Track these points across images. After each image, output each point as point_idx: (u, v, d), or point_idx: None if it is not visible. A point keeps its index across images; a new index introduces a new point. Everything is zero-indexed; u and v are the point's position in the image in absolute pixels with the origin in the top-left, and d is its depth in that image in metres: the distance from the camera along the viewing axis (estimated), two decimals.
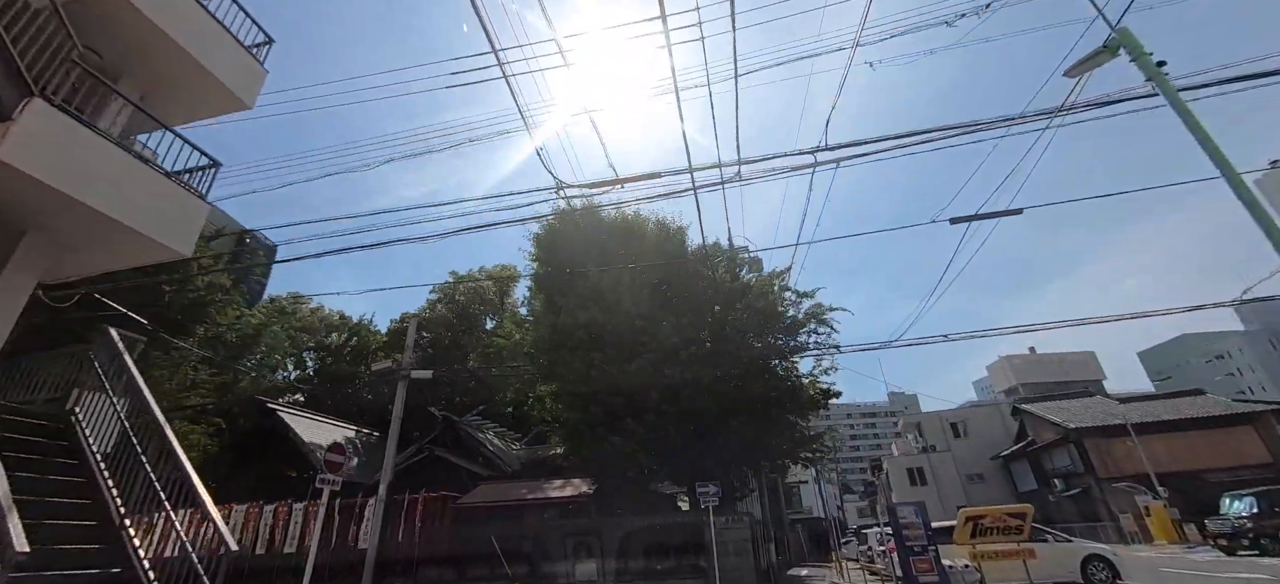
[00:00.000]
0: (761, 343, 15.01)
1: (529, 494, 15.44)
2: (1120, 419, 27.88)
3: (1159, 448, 27.12)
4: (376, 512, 14.43)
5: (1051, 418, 31.18)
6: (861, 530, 27.05)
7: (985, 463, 38.10)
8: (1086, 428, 29.06)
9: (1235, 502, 17.45)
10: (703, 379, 13.85)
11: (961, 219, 8.56)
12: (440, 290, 31.54)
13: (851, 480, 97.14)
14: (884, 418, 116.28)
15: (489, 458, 22.01)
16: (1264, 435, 27.22)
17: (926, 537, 12.65)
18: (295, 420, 23.89)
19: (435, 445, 22.19)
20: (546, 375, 16.08)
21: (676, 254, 16.73)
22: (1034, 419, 33.91)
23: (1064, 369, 71.17)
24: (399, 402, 15.86)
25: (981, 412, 42.99)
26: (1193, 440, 27.54)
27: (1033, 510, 12.95)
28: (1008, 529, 12.77)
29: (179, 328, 23.74)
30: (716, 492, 13.53)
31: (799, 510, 43.74)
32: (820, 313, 16.58)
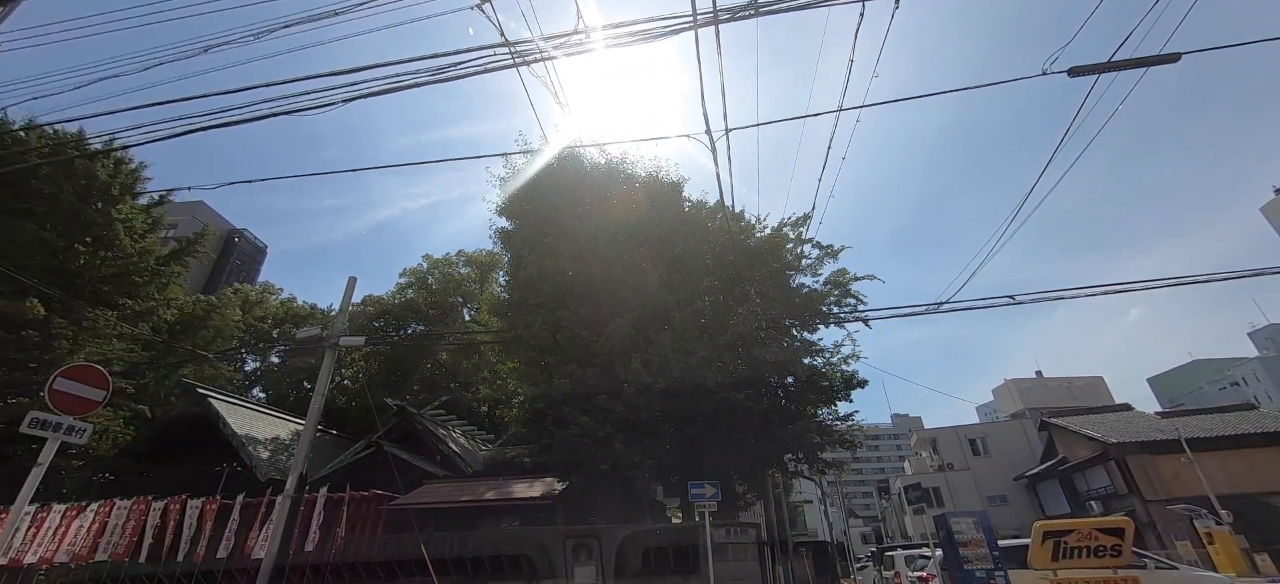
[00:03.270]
0: (774, 310, 12.03)
1: (482, 495, 12.33)
2: (1171, 434, 24.74)
3: (1213, 467, 23.95)
4: (281, 512, 11.28)
5: (1088, 432, 28.00)
6: (885, 552, 23.68)
7: (1009, 483, 34.76)
8: (1129, 443, 25.88)
9: None
10: (698, 350, 10.88)
11: (1084, 70, 5.71)
12: (411, 274, 28.57)
13: (855, 505, 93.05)
14: (888, 440, 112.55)
15: (449, 457, 18.85)
16: None
17: (993, 558, 9.55)
18: (230, 410, 20.66)
19: (387, 440, 19.06)
20: (508, 347, 13.09)
21: (671, 207, 13.87)
22: (1065, 434, 30.73)
23: (1072, 394, 68.02)
24: (324, 374, 12.79)
25: (1003, 427, 39.72)
26: (1253, 459, 24.41)
27: (1132, 525, 9.89)
28: (1099, 550, 9.69)
29: (99, 298, 20.78)
30: (714, 494, 10.48)
31: (803, 532, 40.20)
32: (845, 281, 13.65)
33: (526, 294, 12.03)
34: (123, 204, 21.93)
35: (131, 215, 21.98)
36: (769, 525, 17.43)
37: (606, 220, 12.80)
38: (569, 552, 11.15)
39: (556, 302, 11.29)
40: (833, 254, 13.40)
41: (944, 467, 36.60)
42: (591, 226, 12.70)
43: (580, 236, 12.57)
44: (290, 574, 11.40)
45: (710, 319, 11.71)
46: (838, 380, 14.44)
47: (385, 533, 12.74)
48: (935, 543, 11.67)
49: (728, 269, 12.83)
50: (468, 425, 21.63)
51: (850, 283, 13.95)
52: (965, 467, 36.70)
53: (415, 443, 19.68)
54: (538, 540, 11.14)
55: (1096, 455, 27.62)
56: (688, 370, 10.65)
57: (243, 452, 18.18)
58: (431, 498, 12.65)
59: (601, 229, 12.60)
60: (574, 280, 11.36)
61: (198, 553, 12.19)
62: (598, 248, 11.98)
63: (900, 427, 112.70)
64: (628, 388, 10.25)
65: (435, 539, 12.21)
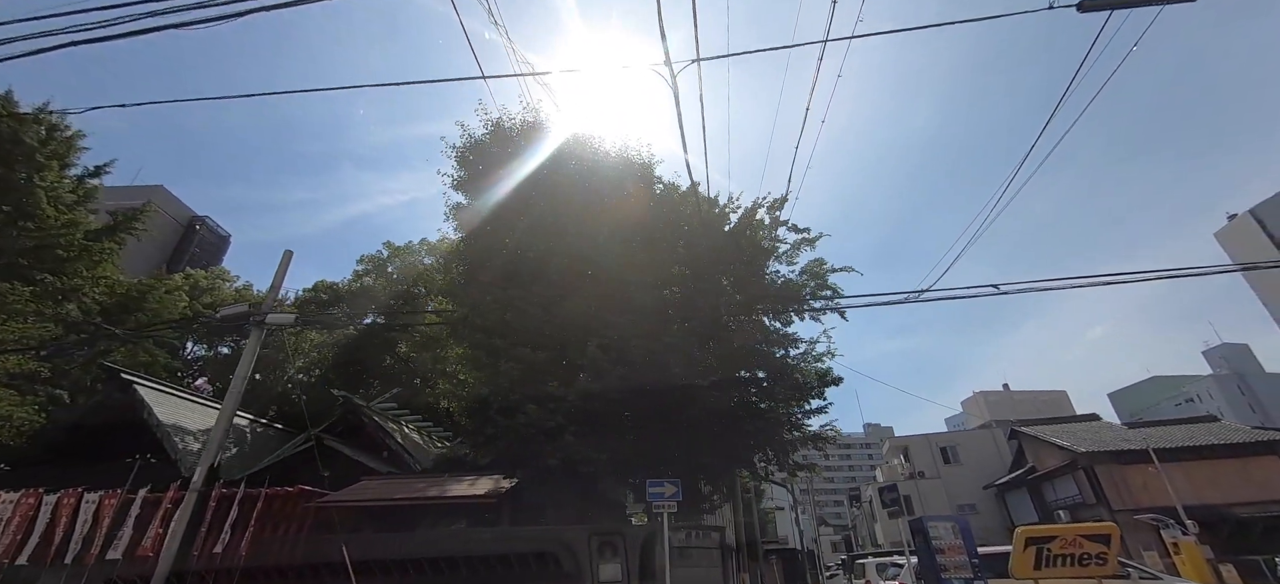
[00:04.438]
0: (742, 295, 11.20)
1: (418, 493, 11.16)
2: (1138, 444, 24.79)
3: (1179, 478, 24.04)
4: (185, 508, 9.97)
5: (1058, 442, 28.00)
6: (856, 560, 23.02)
7: (979, 492, 34.70)
8: (1098, 453, 25.89)
9: None
10: (663, 336, 9.96)
11: (1095, 5, 5.01)
12: (370, 261, 27.03)
13: (826, 513, 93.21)
14: (860, 449, 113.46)
15: (397, 453, 17.54)
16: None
17: (973, 566, 8.81)
18: (158, 398, 18.92)
19: (330, 434, 17.65)
20: (456, 330, 11.97)
21: (641, 187, 12.96)
22: (1034, 443, 30.76)
23: (1037, 407, 69.54)
24: (247, 355, 11.50)
25: (974, 436, 39.80)
26: (1216, 470, 24.60)
27: (1118, 531, 9.28)
28: (1084, 558, 9.04)
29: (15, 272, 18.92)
30: (675, 493, 9.55)
31: (774, 540, 39.56)
32: (821, 272, 12.91)
33: (477, 271, 10.98)
34: (47, 172, 20.11)
35: (56, 183, 20.16)
36: (737, 529, 16.57)
37: (569, 196, 11.84)
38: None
39: (509, 278, 10.27)
40: (810, 241, 12.66)
41: (915, 474, 36.42)
42: (552, 202, 11.72)
43: (539, 212, 11.57)
44: (192, 579, 10.06)
45: (677, 303, 10.83)
46: (812, 377, 13.72)
47: (312, 533, 11.47)
48: (910, 550, 10.96)
49: (700, 255, 11.98)
50: (423, 421, 20.31)
51: (827, 274, 13.24)
52: (936, 475, 36.58)
53: (361, 438, 18.30)
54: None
55: (1065, 465, 27.60)
56: (650, 356, 9.73)
57: (167, 443, 16.57)
58: (364, 496, 11.42)
59: (563, 205, 11.63)
60: (529, 257, 10.37)
61: (89, 554, 10.73)
62: (557, 223, 11.02)
63: (872, 436, 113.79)
64: (582, 375, 9.28)
65: (377, 541, 11.01)
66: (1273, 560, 17.60)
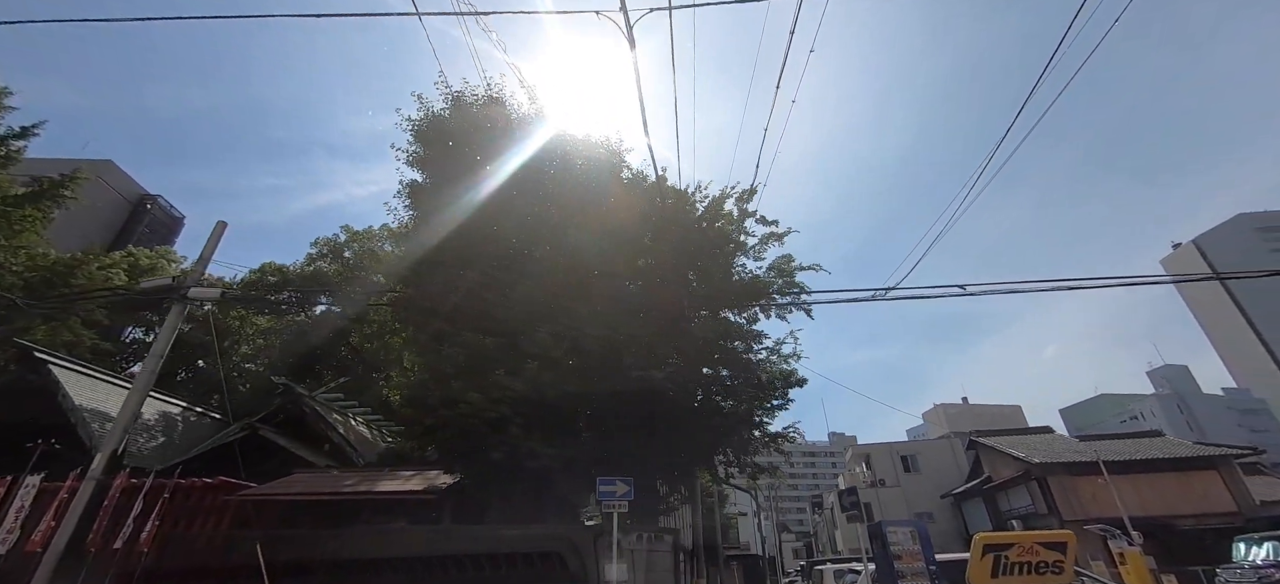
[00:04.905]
0: (707, 288, 10.77)
1: (348, 489, 10.31)
2: (1089, 456, 25.40)
3: (1126, 490, 24.71)
4: (78, 499, 8.93)
5: (1013, 452, 28.54)
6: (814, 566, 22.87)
7: (936, 500, 35.21)
8: (1051, 464, 26.46)
9: (1254, 548, 14.55)
10: (622, 327, 9.44)
11: None
12: (325, 244, 25.69)
13: (789, 520, 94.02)
14: (825, 457, 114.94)
15: (339, 445, 16.51)
16: (1228, 482, 25.43)
17: (930, 572, 8.53)
18: (74, 379, 17.41)
19: (267, 424, 16.52)
20: (401, 314, 11.19)
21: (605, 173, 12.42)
22: (991, 454, 31.33)
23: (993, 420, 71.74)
24: (166, 332, 10.47)
25: (934, 445, 40.50)
26: (1161, 483, 25.42)
27: (1075, 539, 9.15)
28: (1041, 567, 8.87)
29: None
30: (626, 492, 9.01)
31: (735, 545, 39.42)
32: (790, 269, 12.60)
33: (427, 250, 10.24)
34: None
35: None
36: (695, 532, 16.12)
37: (530, 178, 11.22)
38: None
39: (461, 259, 9.58)
40: (778, 236, 12.33)
41: (876, 482, 36.77)
42: (512, 183, 11.08)
43: (498, 193, 10.90)
44: (87, 578, 9.02)
45: (640, 295, 10.33)
46: (776, 377, 13.39)
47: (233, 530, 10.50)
48: (868, 556, 10.71)
49: (666, 246, 11.50)
50: (373, 415, 19.24)
51: (795, 271, 12.94)
52: (896, 483, 37.01)
53: (303, 431, 17.19)
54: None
55: (1020, 475, 28.14)
56: (606, 346, 9.18)
57: (82, 428, 15.20)
58: (290, 489, 10.51)
59: (523, 186, 11.01)
60: (484, 238, 9.71)
61: None
62: (516, 205, 10.39)
63: (836, 444, 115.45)
64: (531, 363, 8.66)
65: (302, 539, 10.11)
66: (1211, 571, 18.10)
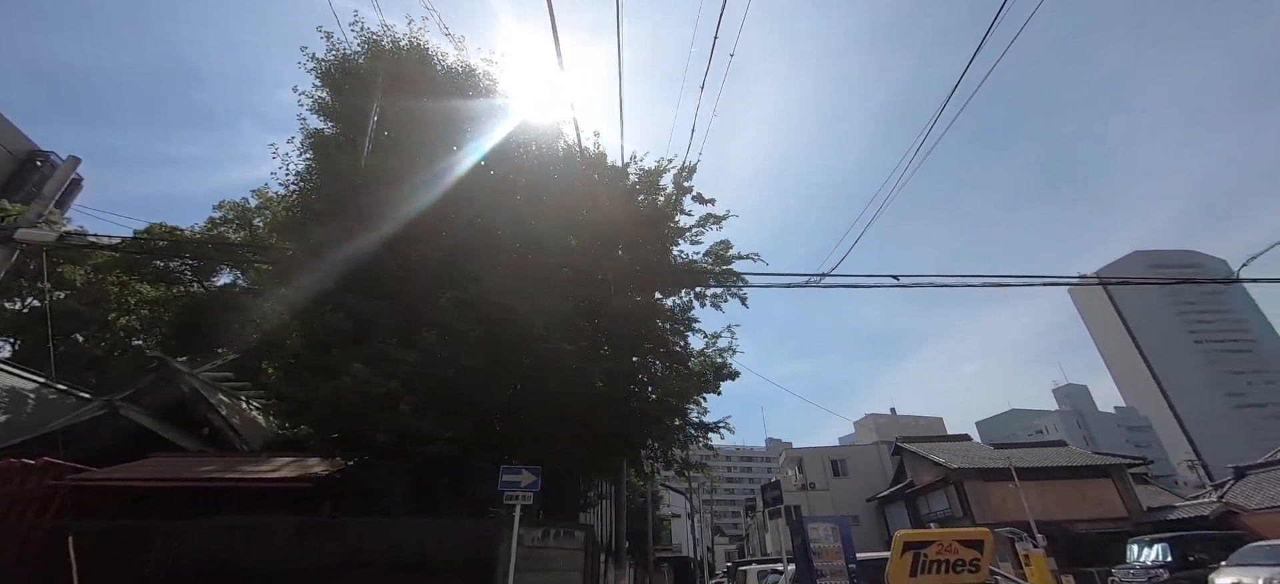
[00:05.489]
0: (641, 267, 10.05)
1: (207, 475, 8.81)
2: (1002, 463, 26.67)
3: (1032, 495, 26.09)
4: None
5: (933, 458, 29.65)
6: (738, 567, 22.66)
7: (863, 504, 36.18)
8: (967, 470, 27.63)
9: (1145, 549, 15.38)
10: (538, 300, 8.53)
11: None
12: (230, 208, 23.10)
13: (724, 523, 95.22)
14: (761, 462, 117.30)
15: (220, 429, 14.60)
16: (1120, 489, 27.38)
17: (850, 571, 8.12)
18: None
19: (133, 403, 14.36)
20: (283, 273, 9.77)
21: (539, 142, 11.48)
22: (914, 459, 32.48)
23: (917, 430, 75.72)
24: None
25: (862, 450, 41.77)
26: (1062, 490, 27.03)
27: (992, 536, 9.04)
28: (958, 565, 8.68)
29: None
30: (532, 483, 8.10)
31: (667, 547, 39.01)
32: (727, 255, 12.08)
33: (317, 201, 8.94)
34: None
35: None
36: (617, 530, 15.32)
37: (447, 134, 10.11)
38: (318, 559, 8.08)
39: (355, 212, 8.35)
40: (716, 219, 11.79)
41: (807, 486, 37.40)
42: (427, 139, 9.93)
43: (410, 149, 9.73)
44: None
45: (562, 267, 9.45)
46: (709, 368, 12.86)
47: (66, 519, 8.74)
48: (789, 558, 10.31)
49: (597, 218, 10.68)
50: (267, 398, 17.24)
51: (733, 260, 12.45)
52: (826, 487, 37.80)
53: (180, 411, 15.09)
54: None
55: (939, 480, 29.25)
56: (519, 319, 8.24)
57: None
58: (137, 475, 8.87)
59: (439, 142, 9.88)
60: (382, 192, 8.52)
61: None
62: (423, 162, 9.26)
63: (773, 450, 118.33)
64: (428, 332, 7.59)
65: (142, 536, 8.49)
66: (1106, 571, 19.18)
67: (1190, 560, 14.45)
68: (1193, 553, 14.66)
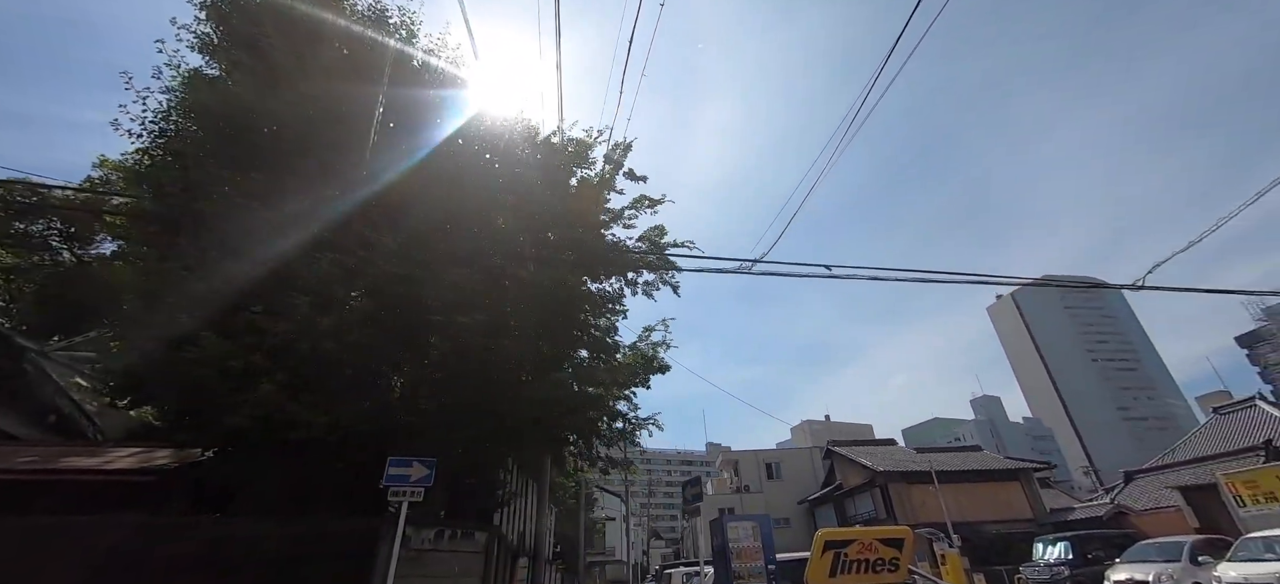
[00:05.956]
0: (573, 253, 9.28)
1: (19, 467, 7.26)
2: (924, 466, 27.69)
3: (950, 498, 27.24)
4: None
5: (861, 461, 30.49)
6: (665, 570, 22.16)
7: (794, 507, 36.80)
8: (892, 472, 28.55)
9: (1049, 547, 16.10)
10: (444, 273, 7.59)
11: None
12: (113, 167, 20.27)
13: (662, 527, 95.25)
14: (700, 465, 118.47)
15: (70, 416, 12.56)
16: (1027, 492, 29.09)
17: (768, 571, 7.67)
18: None
19: None
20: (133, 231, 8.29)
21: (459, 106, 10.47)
22: (844, 462, 33.32)
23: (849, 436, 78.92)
24: None
25: (796, 454, 42.62)
26: (976, 492, 28.37)
27: (912, 534, 8.87)
28: (877, 564, 8.43)
29: None
30: (424, 477, 7.16)
31: (602, 551, 38.20)
32: (661, 241, 11.50)
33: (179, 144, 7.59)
34: None
35: None
36: (538, 531, 14.37)
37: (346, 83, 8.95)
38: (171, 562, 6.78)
39: (226, 158, 7.11)
40: (651, 202, 11.17)
41: (741, 488, 37.64)
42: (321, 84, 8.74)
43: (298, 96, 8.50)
44: None
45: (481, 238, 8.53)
46: (638, 360, 12.22)
47: None
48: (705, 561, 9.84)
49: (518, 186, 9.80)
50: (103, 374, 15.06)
51: (668, 248, 11.87)
52: (760, 489, 38.20)
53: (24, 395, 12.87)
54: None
55: (866, 482, 30.08)
56: (421, 293, 7.27)
57: None
58: None
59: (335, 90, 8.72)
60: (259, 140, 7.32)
61: None
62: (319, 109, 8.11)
63: (712, 454, 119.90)
64: (303, 300, 6.49)
65: None
66: (1014, 569, 20.07)
67: (1089, 558, 15.25)
68: (1091, 551, 15.51)
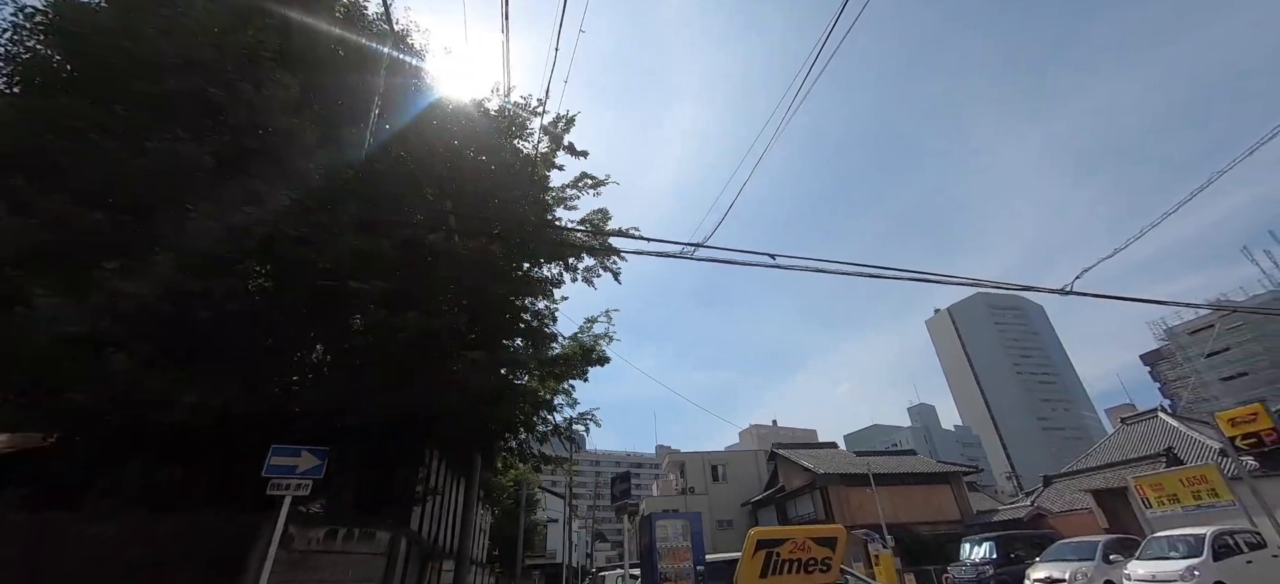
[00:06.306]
0: (508, 231, 8.56)
1: None
2: (862, 469, 28.33)
3: (885, 500, 27.98)
4: None
5: (803, 463, 30.94)
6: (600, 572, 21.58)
7: (737, 509, 36.98)
8: (831, 475, 29.08)
9: (975, 547, 16.58)
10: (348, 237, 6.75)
11: None
12: None
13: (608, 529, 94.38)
14: (649, 469, 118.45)
15: None
16: (956, 495, 30.29)
17: (697, 573, 7.22)
18: None
19: None
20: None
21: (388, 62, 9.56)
22: (787, 465, 33.75)
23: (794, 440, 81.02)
24: None
25: (741, 456, 42.96)
26: (910, 495, 29.29)
27: (845, 533, 8.66)
28: (810, 564, 8.16)
29: None
30: (314, 468, 6.31)
31: (541, 554, 37.13)
32: (604, 224, 10.95)
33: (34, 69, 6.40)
34: None
35: None
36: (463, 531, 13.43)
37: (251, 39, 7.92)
38: None
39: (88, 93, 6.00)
40: (594, 183, 10.61)
41: (686, 490, 37.52)
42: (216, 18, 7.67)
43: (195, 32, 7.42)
44: None
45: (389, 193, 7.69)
46: (576, 350, 11.62)
47: None
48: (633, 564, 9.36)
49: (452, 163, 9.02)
50: None
51: (611, 235, 11.34)
52: (705, 492, 38.19)
53: None
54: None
55: (807, 484, 30.52)
56: (325, 258, 6.39)
57: None
58: None
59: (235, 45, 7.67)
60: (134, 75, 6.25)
61: None
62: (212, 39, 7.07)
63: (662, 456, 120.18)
64: (165, 255, 5.51)
65: None
66: (943, 569, 20.66)
67: (1011, 557, 15.82)
68: (1014, 551, 16.09)
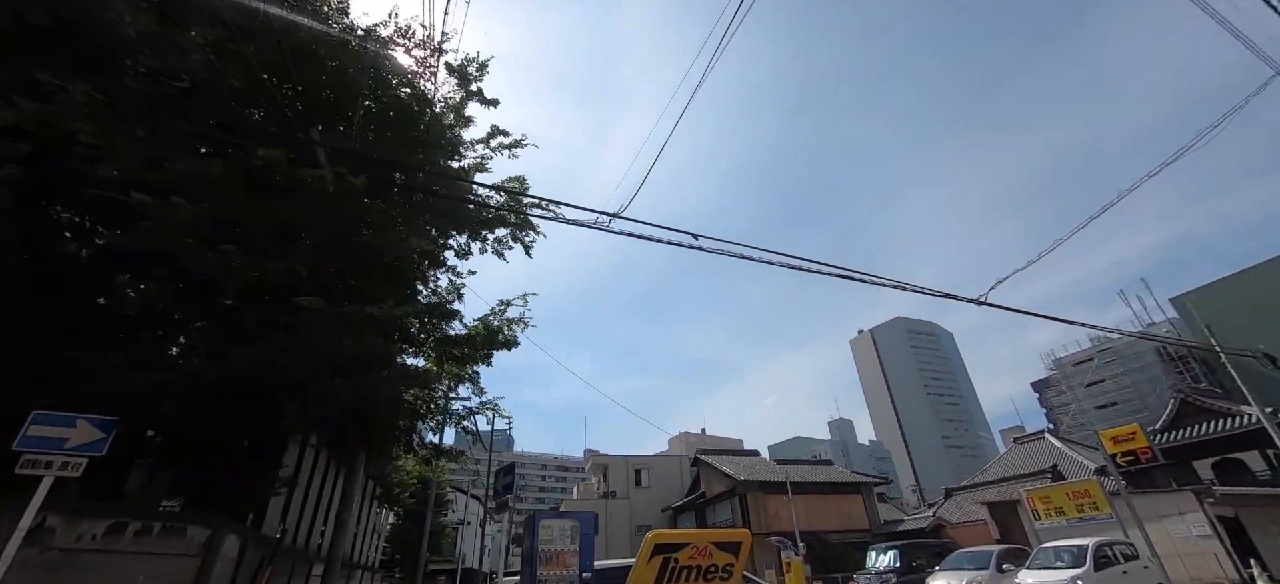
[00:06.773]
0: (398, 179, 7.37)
1: None
2: (780, 476, 28.67)
3: (800, 508, 28.45)
4: None
5: (724, 469, 30.98)
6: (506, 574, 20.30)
7: (658, 514, 36.55)
8: (751, 482, 29.23)
9: (880, 555, 16.84)
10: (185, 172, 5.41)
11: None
12: None
13: None
14: (576, 472, 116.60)
15: None
16: (866, 504, 31.35)
17: (582, 578, 6.37)
18: None
19: None
20: None
21: None
22: (709, 470, 33.71)
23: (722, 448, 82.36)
24: None
25: (664, 461, 42.69)
26: (824, 503, 29.95)
27: (750, 538, 8.10)
28: (710, 571, 7.53)
29: None
30: (97, 441, 4.93)
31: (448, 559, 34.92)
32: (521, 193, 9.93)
33: None
34: None
35: None
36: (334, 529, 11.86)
37: None
38: None
39: None
40: (511, 144, 9.57)
41: (608, 493, 36.66)
42: None
43: None
44: None
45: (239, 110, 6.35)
46: (479, 332, 10.50)
47: None
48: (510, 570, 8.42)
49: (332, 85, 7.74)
50: None
51: (529, 208, 10.34)
52: (627, 495, 37.51)
53: None
54: None
55: (727, 490, 30.54)
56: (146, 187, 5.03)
57: None
58: None
59: None
60: None
61: None
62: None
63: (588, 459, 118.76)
64: None
65: None
66: (849, 576, 21.00)
67: (913, 565, 16.19)
68: (915, 559, 16.50)
